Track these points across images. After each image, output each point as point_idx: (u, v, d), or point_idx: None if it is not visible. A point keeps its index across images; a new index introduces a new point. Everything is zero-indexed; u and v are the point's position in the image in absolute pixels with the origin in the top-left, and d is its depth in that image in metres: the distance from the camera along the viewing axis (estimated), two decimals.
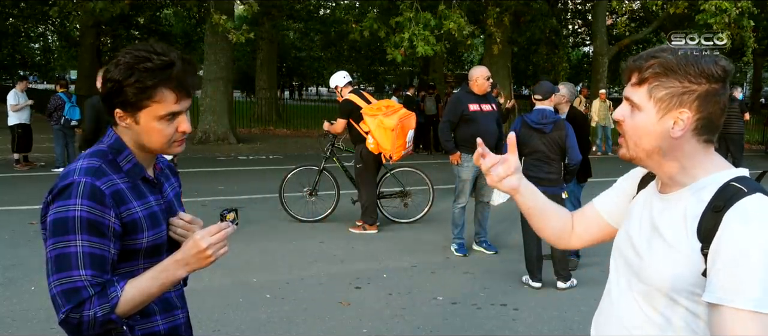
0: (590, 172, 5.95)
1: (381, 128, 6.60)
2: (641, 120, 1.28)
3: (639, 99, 1.28)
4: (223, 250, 1.48)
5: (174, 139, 1.56)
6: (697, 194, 1.25)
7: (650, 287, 1.29)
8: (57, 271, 1.42)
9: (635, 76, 1.29)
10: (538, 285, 5.17)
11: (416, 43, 11.43)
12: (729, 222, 1.16)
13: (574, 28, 30.10)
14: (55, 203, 1.45)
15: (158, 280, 1.48)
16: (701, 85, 1.23)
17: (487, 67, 6.53)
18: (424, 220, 7.54)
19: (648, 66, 1.26)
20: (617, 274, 1.43)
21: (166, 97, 1.50)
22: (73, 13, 14.53)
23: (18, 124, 11.02)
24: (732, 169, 1.28)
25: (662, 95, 1.25)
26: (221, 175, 11.18)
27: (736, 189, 1.20)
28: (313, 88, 52.94)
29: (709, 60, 1.24)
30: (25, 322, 4.25)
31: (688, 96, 1.23)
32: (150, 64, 1.47)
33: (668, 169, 1.30)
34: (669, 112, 1.25)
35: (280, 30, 28.19)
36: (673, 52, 1.25)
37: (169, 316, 1.65)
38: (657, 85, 1.25)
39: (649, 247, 1.31)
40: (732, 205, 1.17)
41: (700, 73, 1.23)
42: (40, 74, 39.05)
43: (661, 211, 1.31)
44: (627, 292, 1.37)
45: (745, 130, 11.09)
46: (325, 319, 4.43)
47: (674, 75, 1.23)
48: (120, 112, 1.52)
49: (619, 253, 1.42)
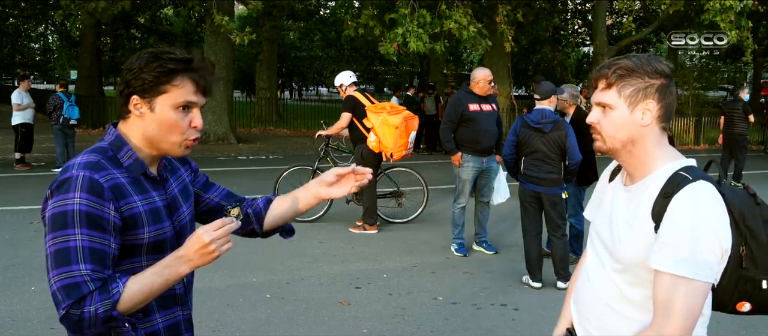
0: (596, 175, 5.93)
1: (385, 125, 6.62)
2: (615, 116, 1.52)
3: (610, 100, 1.52)
4: (226, 245, 1.45)
5: (185, 137, 1.56)
6: (655, 184, 1.48)
7: (623, 265, 1.53)
8: (56, 266, 1.40)
9: (603, 83, 1.53)
10: (538, 285, 5.17)
11: (409, 39, 11.39)
12: (672, 205, 1.41)
13: (574, 28, 30.08)
14: (53, 198, 1.44)
15: (161, 277, 1.45)
16: (658, 79, 1.50)
17: (487, 67, 6.54)
18: (423, 220, 7.54)
19: (612, 71, 1.51)
20: (594, 255, 1.66)
21: (186, 85, 1.52)
22: (75, 13, 14.50)
23: (21, 124, 11.03)
24: (682, 159, 1.52)
25: (630, 92, 1.50)
26: (221, 175, 11.17)
27: (683, 177, 1.44)
28: (313, 88, 52.93)
29: (656, 60, 1.52)
30: (25, 322, 4.25)
31: (650, 89, 1.49)
32: (172, 55, 1.52)
33: (637, 158, 1.53)
34: (637, 105, 1.50)
35: (281, 30, 28.18)
36: (628, 58, 1.52)
37: (168, 314, 1.63)
38: (624, 84, 1.50)
39: (619, 233, 1.54)
40: (678, 191, 1.42)
41: (655, 70, 1.50)
42: (41, 74, 39.04)
43: (627, 202, 1.55)
44: (601, 270, 1.61)
45: (748, 132, 11.06)
46: (325, 319, 4.43)
47: (636, 74, 1.50)
48: (136, 99, 1.52)
49: (597, 235, 1.66)
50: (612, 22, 23.51)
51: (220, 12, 13.44)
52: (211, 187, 1.87)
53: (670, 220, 1.41)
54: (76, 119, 10.70)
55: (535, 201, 5.21)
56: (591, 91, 1.59)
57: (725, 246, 1.41)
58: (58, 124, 10.54)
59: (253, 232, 1.88)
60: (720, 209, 1.42)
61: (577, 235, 5.94)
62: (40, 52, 37.74)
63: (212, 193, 1.85)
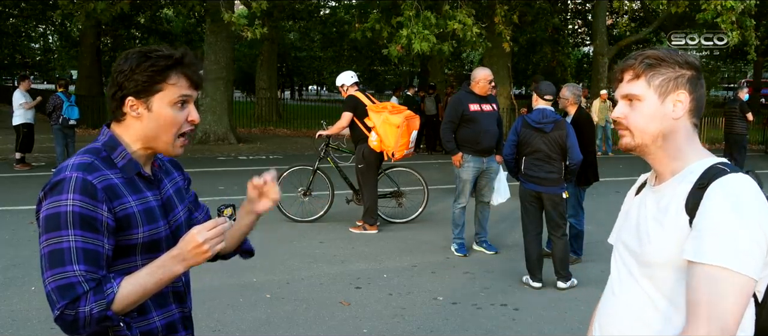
0: (597, 176, 5.93)
1: (387, 124, 6.63)
2: (644, 108, 1.40)
3: (639, 90, 1.41)
4: (219, 245, 1.47)
5: (181, 132, 1.57)
6: (687, 178, 1.36)
7: (653, 268, 1.38)
8: (51, 267, 1.41)
9: (630, 73, 1.42)
10: (539, 285, 5.17)
11: (414, 40, 11.42)
12: (709, 194, 1.28)
13: (574, 28, 30.09)
14: (47, 199, 1.45)
15: (155, 276, 1.46)
16: (689, 70, 1.40)
17: (487, 67, 6.54)
18: (423, 220, 7.54)
19: (640, 61, 1.41)
20: (618, 269, 1.52)
21: (180, 81, 1.54)
22: (75, 14, 14.51)
23: (23, 124, 11.03)
24: (715, 157, 1.41)
25: (660, 81, 1.39)
26: (221, 175, 11.17)
27: (719, 169, 1.33)
28: (313, 87, 52.95)
29: (684, 52, 1.43)
30: (25, 322, 4.25)
31: (681, 79, 1.39)
32: (162, 52, 1.52)
33: (668, 154, 1.42)
34: (668, 96, 1.39)
35: (281, 30, 28.18)
36: (655, 49, 1.42)
37: (165, 312, 1.64)
38: (653, 74, 1.40)
39: (648, 233, 1.40)
40: (714, 181, 1.30)
41: (684, 61, 1.40)
42: (41, 74, 39.05)
43: (656, 201, 1.42)
44: (629, 279, 1.46)
45: (748, 132, 11.05)
46: (325, 319, 4.43)
47: (665, 64, 1.39)
48: (132, 100, 1.53)
49: (623, 246, 1.51)
50: (612, 22, 23.49)
51: (229, 11, 13.40)
52: (199, 207, 1.88)
53: (707, 207, 1.26)
54: (75, 119, 10.70)
55: (535, 201, 5.21)
56: (614, 86, 1.48)
57: None
58: (58, 124, 10.54)
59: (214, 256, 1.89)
60: (763, 202, 1.28)
61: (577, 235, 5.94)
62: (40, 52, 37.74)
63: (199, 214, 1.87)
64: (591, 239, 6.29)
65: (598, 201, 8.25)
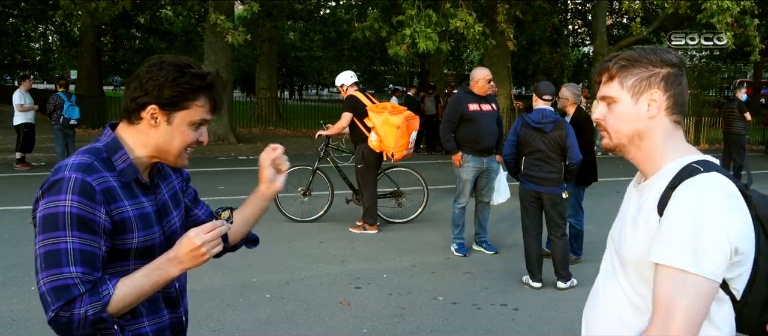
0: (596, 176, 5.93)
1: (386, 125, 6.63)
2: (619, 109, 1.44)
3: (613, 92, 1.44)
4: (216, 248, 1.46)
5: (189, 147, 1.58)
6: (663, 177, 1.38)
7: (628, 266, 1.42)
8: (47, 267, 1.39)
9: (605, 76, 1.46)
10: (538, 285, 5.17)
11: (418, 40, 11.41)
12: (677, 194, 1.30)
13: (574, 28, 30.07)
14: (44, 199, 1.44)
15: (151, 278, 1.45)
16: (663, 68, 1.41)
17: (487, 67, 6.54)
18: (423, 220, 7.54)
19: (614, 63, 1.44)
20: (605, 265, 1.57)
21: (206, 104, 1.55)
22: (77, 14, 14.49)
23: (24, 124, 11.04)
24: (698, 154, 1.42)
25: (632, 82, 1.42)
26: (221, 175, 11.18)
27: (694, 168, 1.34)
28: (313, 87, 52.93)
29: (663, 50, 1.44)
30: (25, 322, 4.25)
31: (654, 78, 1.41)
32: (195, 70, 1.52)
33: (646, 153, 1.44)
34: (641, 95, 1.41)
35: (281, 30, 28.18)
36: (631, 49, 1.45)
37: (156, 318, 1.63)
38: (626, 75, 1.43)
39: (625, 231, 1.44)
40: (684, 181, 1.31)
41: (660, 59, 1.42)
42: (41, 74, 39.04)
43: (637, 200, 1.45)
44: (612, 276, 1.50)
45: (746, 131, 11.01)
46: (325, 319, 4.43)
47: (638, 64, 1.42)
48: (155, 110, 1.51)
49: (610, 240, 1.55)
50: (612, 22, 23.50)
51: (217, 11, 13.41)
52: (199, 203, 1.87)
53: (672, 208, 1.28)
54: (76, 119, 10.70)
55: (535, 201, 5.21)
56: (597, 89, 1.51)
57: (736, 244, 1.26)
58: (59, 124, 10.54)
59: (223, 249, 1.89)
60: (733, 203, 1.28)
61: (577, 235, 5.94)
62: (41, 52, 37.72)
63: (199, 210, 1.86)
64: (591, 239, 6.29)
65: (598, 201, 8.25)
